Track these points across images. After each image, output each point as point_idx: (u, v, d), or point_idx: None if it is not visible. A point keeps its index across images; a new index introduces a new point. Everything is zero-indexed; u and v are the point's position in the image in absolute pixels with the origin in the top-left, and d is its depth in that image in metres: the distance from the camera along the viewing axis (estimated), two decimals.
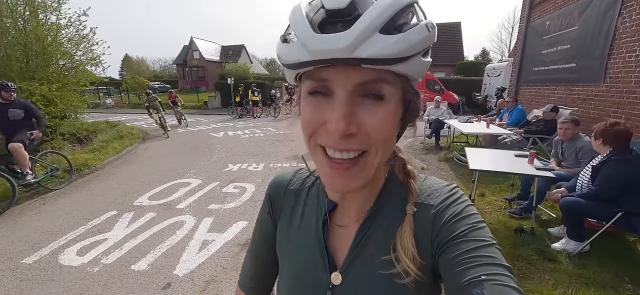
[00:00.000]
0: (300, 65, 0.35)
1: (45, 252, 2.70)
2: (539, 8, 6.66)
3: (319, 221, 0.49)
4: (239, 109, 13.11)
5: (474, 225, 0.39)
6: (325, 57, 0.32)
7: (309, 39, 0.33)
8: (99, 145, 6.58)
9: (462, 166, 4.69)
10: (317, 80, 0.36)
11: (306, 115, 0.38)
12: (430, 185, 0.47)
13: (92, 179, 4.85)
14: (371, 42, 0.31)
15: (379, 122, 0.36)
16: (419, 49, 0.34)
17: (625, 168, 2.22)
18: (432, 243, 0.41)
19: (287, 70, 0.39)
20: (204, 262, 2.52)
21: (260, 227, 0.60)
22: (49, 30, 6.40)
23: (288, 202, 0.56)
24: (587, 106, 4.98)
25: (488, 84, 12.08)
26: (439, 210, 0.42)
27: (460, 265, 0.37)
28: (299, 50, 0.34)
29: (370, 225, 0.46)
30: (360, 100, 0.36)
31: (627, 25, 4.19)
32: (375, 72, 0.34)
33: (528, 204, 3.00)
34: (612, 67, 4.45)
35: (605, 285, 2.10)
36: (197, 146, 7.22)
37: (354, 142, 0.36)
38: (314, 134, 0.38)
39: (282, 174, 0.60)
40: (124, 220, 3.30)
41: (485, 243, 0.38)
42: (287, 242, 0.53)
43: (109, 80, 27.03)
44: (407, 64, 0.34)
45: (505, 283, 0.34)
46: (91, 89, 9.07)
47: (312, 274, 0.48)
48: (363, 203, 0.47)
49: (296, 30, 0.34)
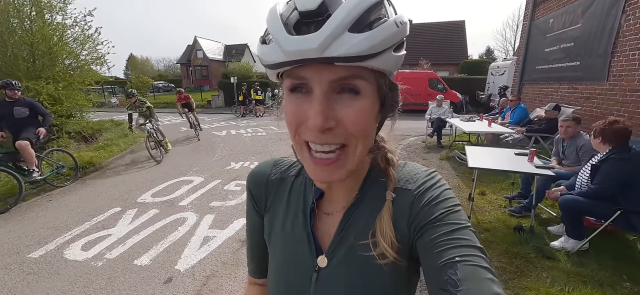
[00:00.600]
0: (277, 66, 0.37)
1: (51, 247, 2.77)
2: (543, 6, 6.60)
3: (306, 209, 0.51)
4: (242, 107, 13.18)
5: (450, 209, 0.41)
6: (299, 57, 0.34)
7: (283, 41, 0.34)
8: (104, 144, 6.69)
9: (464, 165, 4.68)
10: (295, 79, 0.38)
11: (289, 112, 0.40)
12: (410, 170, 0.48)
13: (97, 177, 4.93)
14: (341, 41, 0.33)
15: (356, 115, 0.37)
16: (388, 44, 0.35)
17: (624, 166, 2.22)
18: (409, 227, 0.43)
19: (267, 69, 0.40)
20: (205, 258, 2.57)
21: (248, 220, 0.62)
22: (55, 30, 6.49)
23: (271, 193, 0.57)
24: (590, 104, 4.94)
25: (492, 83, 11.99)
26: (416, 195, 0.44)
27: (437, 248, 0.38)
28: (276, 52, 0.36)
29: (354, 212, 0.48)
30: (337, 96, 0.37)
31: (631, 22, 4.14)
32: (348, 68, 0.35)
33: (528, 202, 3.00)
34: (616, 65, 4.40)
35: (603, 283, 2.10)
36: (200, 144, 7.29)
37: (333, 136, 0.38)
38: (297, 130, 0.40)
39: (259, 166, 0.60)
40: (128, 216, 3.37)
41: (460, 226, 0.39)
42: (275, 230, 0.55)
43: (114, 79, 27.34)
44: (378, 59, 0.35)
45: (477, 263, 0.36)
46: (96, 88, 9.11)
47: (299, 259, 0.50)
48: (348, 191, 0.49)
49: (272, 32, 0.36)
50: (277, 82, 0.44)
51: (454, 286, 0.34)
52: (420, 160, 5.35)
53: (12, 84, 3.88)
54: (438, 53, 21.91)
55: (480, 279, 0.34)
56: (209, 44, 35.22)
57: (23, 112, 3.95)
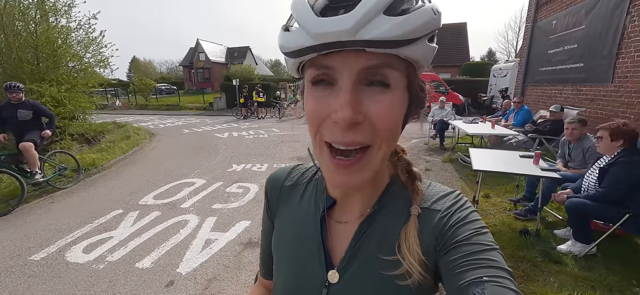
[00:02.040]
0: (302, 52, 0.34)
1: (52, 250, 2.76)
2: (546, 7, 6.58)
3: (316, 217, 0.49)
4: (244, 110, 13.20)
5: (478, 230, 0.40)
6: (329, 40, 0.31)
7: (311, 23, 0.32)
8: (106, 146, 6.70)
9: (467, 167, 4.64)
10: (319, 68, 0.35)
11: (310, 107, 0.37)
12: (437, 191, 0.46)
13: (99, 179, 4.94)
14: (375, 24, 0.30)
15: (385, 110, 0.35)
16: (424, 32, 0.33)
17: (633, 169, 2.18)
18: (435, 247, 0.41)
19: (289, 60, 0.38)
20: (207, 261, 2.54)
21: (263, 225, 0.61)
22: (60, 33, 6.55)
23: (284, 199, 0.55)
24: (595, 106, 4.90)
25: (494, 85, 11.94)
26: (445, 216, 0.42)
27: (462, 267, 0.37)
28: (301, 36, 0.33)
29: (371, 225, 0.45)
30: (365, 89, 0.34)
31: (636, 23, 4.11)
32: (380, 56, 0.33)
33: (533, 205, 2.96)
34: (621, 66, 4.37)
35: (612, 288, 2.06)
36: (202, 147, 7.29)
37: (359, 133, 0.35)
38: (319, 128, 0.37)
39: (278, 171, 0.59)
40: (129, 218, 3.35)
41: (487, 247, 0.38)
42: (283, 237, 0.53)
43: (117, 82, 27.50)
44: (413, 48, 0.33)
45: (506, 286, 0.34)
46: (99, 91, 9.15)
47: (308, 271, 0.47)
48: (365, 201, 0.47)
49: (298, 16, 0.33)
50: (298, 75, 0.41)
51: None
52: (423, 162, 5.32)
53: (16, 87, 3.90)
54: (440, 55, 21.82)
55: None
56: (211, 47, 35.43)
57: (27, 115, 3.97)
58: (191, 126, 10.97)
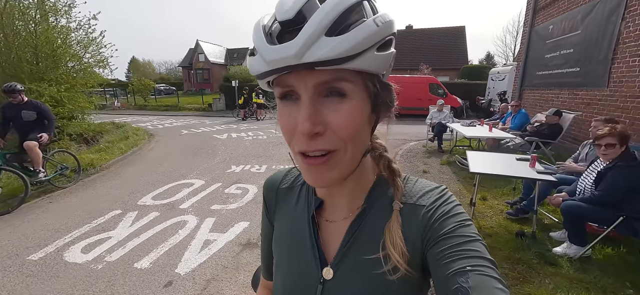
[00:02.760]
0: (263, 76, 0.38)
1: (50, 249, 2.76)
2: (543, 12, 6.65)
3: (309, 217, 0.52)
4: (243, 111, 13.21)
5: (461, 223, 0.42)
6: (280, 65, 0.35)
7: (264, 51, 0.36)
8: (105, 146, 6.69)
9: (464, 170, 4.67)
10: (283, 87, 0.38)
11: (282, 122, 0.40)
12: (422, 187, 0.48)
13: (97, 179, 4.93)
14: (318, 46, 0.33)
15: (344, 118, 0.37)
16: (368, 44, 0.35)
17: (631, 174, 2.20)
18: (422, 240, 0.43)
19: (258, 80, 0.41)
20: (205, 261, 2.55)
21: (263, 222, 0.64)
22: (59, 33, 6.55)
23: (281, 201, 0.58)
24: (591, 110, 4.95)
25: (492, 88, 12.03)
26: (430, 210, 0.44)
27: (447, 258, 0.39)
28: (260, 62, 0.37)
29: (361, 223, 0.47)
30: (324, 100, 0.37)
31: (630, 29, 4.17)
32: (330, 72, 0.35)
33: (525, 204, 3.00)
34: (616, 71, 4.42)
35: (606, 290, 2.08)
36: (201, 147, 7.29)
37: (321, 141, 0.38)
38: (291, 139, 0.40)
39: (274, 174, 0.62)
40: (128, 219, 3.36)
41: (470, 238, 0.40)
42: (282, 237, 0.56)
43: (116, 82, 27.43)
44: (359, 60, 0.34)
45: (489, 274, 0.36)
46: (98, 91, 9.12)
47: (304, 269, 0.50)
48: (351, 200, 0.49)
49: (256, 44, 0.37)
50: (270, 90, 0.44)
51: (465, 293, 0.35)
52: (421, 164, 5.35)
53: (15, 89, 3.89)
54: (438, 58, 22.03)
55: (491, 288, 0.34)
56: (210, 48, 35.46)
57: (31, 115, 3.99)
58: (190, 127, 10.97)
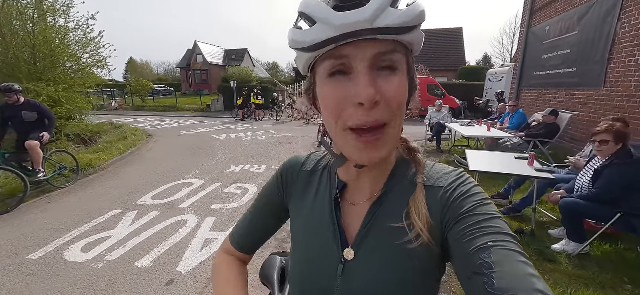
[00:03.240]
0: (322, 45, 0.38)
1: (50, 249, 2.75)
2: (540, 13, 6.71)
3: (331, 200, 0.52)
4: (242, 111, 13.21)
5: (481, 202, 0.43)
6: (350, 30, 0.36)
7: (331, 17, 0.36)
8: (103, 146, 6.66)
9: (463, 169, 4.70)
10: (337, 59, 0.39)
11: (330, 97, 0.40)
12: (439, 170, 0.50)
13: (96, 179, 4.91)
14: (386, 14, 0.36)
15: (397, 89, 0.40)
16: (419, 21, 0.39)
17: (628, 172, 2.22)
18: (442, 220, 0.44)
19: (303, 57, 0.41)
20: (207, 260, 2.55)
21: (266, 197, 0.63)
22: (57, 33, 6.53)
23: (300, 183, 0.59)
24: (587, 110, 5.00)
25: (490, 89, 12.10)
26: (448, 190, 0.45)
27: (469, 236, 0.39)
28: (321, 30, 0.37)
29: (382, 205, 0.49)
30: (378, 74, 0.39)
31: (626, 30, 4.22)
32: (389, 43, 0.38)
33: (517, 204, 3.09)
34: (612, 71, 4.47)
35: (604, 286, 2.11)
36: (200, 148, 7.28)
37: (378, 112, 0.39)
38: (341, 116, 0.40)
39: (295, 157, 0.63)
40: (128, 218, 3.35)
41: (491, 216, 0.41)
42: (301, 219, 0.56)
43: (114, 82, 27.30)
44: (412, 34, 0.39)
45: (511, 248, 0.37)
46: (96, 91, 9.07)
47: (325, 250, 0.50)
48: (375, 182, 0.50)
49: (316, 13, 0.37)
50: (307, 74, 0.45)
51: (489, 269, 0.35)
52: None
53: (12, 89, 3.85)
54: (436, 59, 22.09)
55: (515, 262, 0.35)
56: (209, 49, 35.39)
57: (32, 116, 3.98)
58: (189, 127, 10.95)
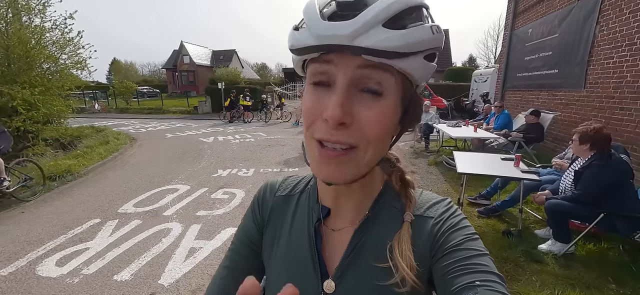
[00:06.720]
0: (306, 51, 0.37)
1: (22, 263, 2.58)
2: (522, 16, 6.89)
3: (310, 226, 0.48)
4: (229, 113, 12.99)
5: (469, 236, 0.41)
6: (328, 42, 0.34)
7: (315, 25, 0.35)
8: (83, 151, 6.38)
9: (451, 170, 4.75)
10: (320, 69, 0.37)
11: (307, 104, 0.39)
12: (429, 199, 0.48)
13: (74, 186, 4.68)
14: (372, 33, 0.33)
15: (375, 117, 0.36)
16: (420, 48, 0.35)
17: (606, 172, 2.28)
18: (430, 252, 0.43)
19: (295, 57, 0.40)
20: (191, 271, 2.45)
21: (245, 234, 0.56)
22: (33, 33, 6.23)
23: (276, 209, 0.54)
24: (569, 110, 5.15)
25: (475, 90, 12.36)
26: (438, 222, 0.44)
27: (455, 272, 0.38)
28: (307, 36, 0.36)
29: (365, 233, 0.45)
30: (359, 94, 0.36)
31: (604, 33, 4.37)
32: (374, 66, 0.35)
33: (498, 205, 3.16)
34: (592, 73, 4.62)
35: (590, 285, 2.14)
36: (186, 151, 7.09)
37: (346, 134, 0.36)
38: (311, 125, 0.39)
39: (270, 181, 0.59)
40: (108, 228, 3.19)
41: (479, 253, 0.39)
42: (276, 250, 0.51)
43: (96, 84, 26.36)
44: (407, 61, 0.35)
45: (497, 289, 0.35)
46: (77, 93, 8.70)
47: (303, 282, 0.46)
48: (357, 207, 0.47)
49: (306, 18, 0.36)
50: (302, 73, 0.43)
51: None
52: (409, 165, 5.40)
53: None
54: None
55: None
56: (195, 49, 34.75)
57: None
58: (175, 130, 10.67)
